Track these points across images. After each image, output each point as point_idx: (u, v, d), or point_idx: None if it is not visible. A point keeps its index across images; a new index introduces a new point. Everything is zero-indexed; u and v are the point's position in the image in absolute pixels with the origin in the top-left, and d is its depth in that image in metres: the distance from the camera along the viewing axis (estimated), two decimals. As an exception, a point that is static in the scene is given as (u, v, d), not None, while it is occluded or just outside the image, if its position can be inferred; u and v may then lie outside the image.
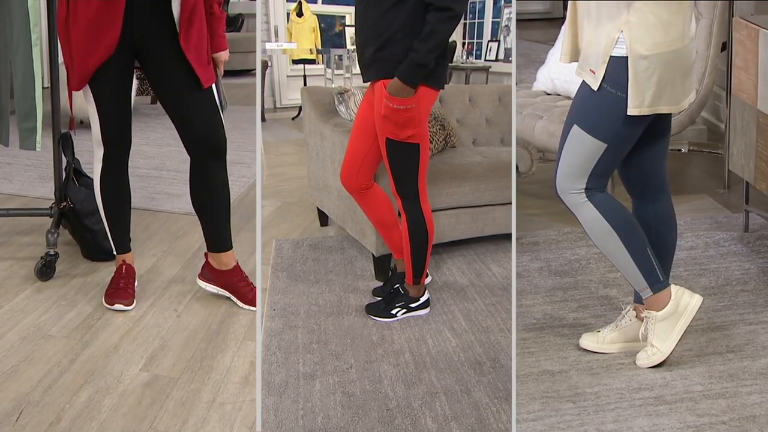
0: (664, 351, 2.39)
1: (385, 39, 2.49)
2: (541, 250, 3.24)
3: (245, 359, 2.49)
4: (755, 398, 2.25)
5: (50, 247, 3.06)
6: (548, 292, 2.90)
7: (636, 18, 2.14)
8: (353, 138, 2.79)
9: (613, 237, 2.33)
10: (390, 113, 2.53)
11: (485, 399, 2.32)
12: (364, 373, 2.46)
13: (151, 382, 2.35)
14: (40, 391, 2.29)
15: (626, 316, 2.50)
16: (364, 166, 2.78)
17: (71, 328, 2.66)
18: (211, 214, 2.78)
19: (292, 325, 2.79)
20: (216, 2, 2.70)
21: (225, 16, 2.76)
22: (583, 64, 2.27)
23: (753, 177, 3.06)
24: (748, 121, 3.04)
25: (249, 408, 2.23)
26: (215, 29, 2.71)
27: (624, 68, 2.17)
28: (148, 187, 4.28)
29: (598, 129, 2.25)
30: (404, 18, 2.46)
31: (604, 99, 2.22)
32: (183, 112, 2.65)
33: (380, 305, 2.85)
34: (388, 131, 2.58)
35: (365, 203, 2.87)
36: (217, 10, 2.71)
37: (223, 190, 2.77)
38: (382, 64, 2.51)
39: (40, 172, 4.43)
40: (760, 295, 2.82)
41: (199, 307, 2.84)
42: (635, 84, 2.18)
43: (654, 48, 2.15)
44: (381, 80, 2.53)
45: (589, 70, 2.24)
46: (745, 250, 3.18)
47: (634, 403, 2.25)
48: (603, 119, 2.24)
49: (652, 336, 2.40)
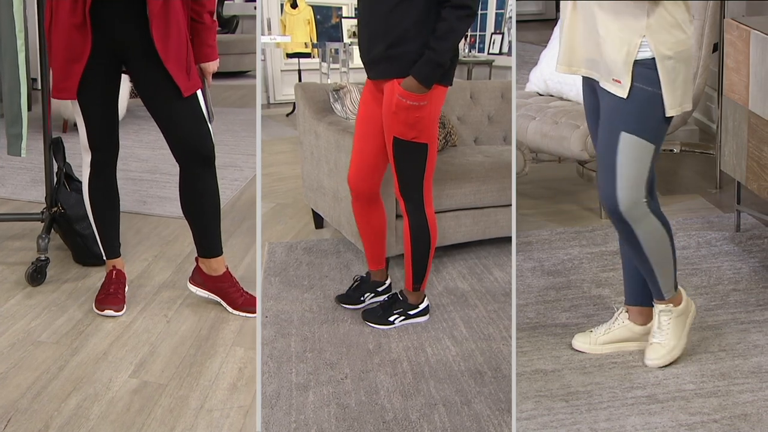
0: (680, 347, 2.43)
1: (396, 36, 2.44)
2: (534, 249, 3.25)
3: (233, 365, 2.48)
4: (747, 397, 2.26)
5: (41, 253, 3.04)
6: (541, 292, 2.91)
7: (656, 20, 2.15)
8: (359, 140, 2.71)
9: (666, 243, 2.34)
10: (402, 111, 2.47)
11: (486, 411, 2.25)
12: (360, 384, 2.40)
13: (140, 388, 2.35)
14: (28, 399, 2.28)
15: (618, 318, 2.52)
16: (376, 170, 2.72)
17: (61, 334, 2.65)
18: (200, 220, 2.77)
19: (284, 332, 2.73)
20: (207, 12, 2.67)
21: (216, 26, 2.74)
22: (606, 75, 2.24)
23: (744, 177, 3.08)
24: (740, 122, 3.06)
25: (236, 415, 2.22)
26: (204, 39, 2.68)
27: (653, 68, 2.19)
28: (140, 191, 4.25)
29: (647, 130, 2.23)
30: (415, 14, 2.42)
31: (642, 100, 2.21)
32: (167, 120, 2.64)
33: (377, 311, 2.78)
34: (397, 130, 2.52)
35: (369, 210, 2.80)
36: (208, 19, 2.68)
37: (212, 197, 2.75)
38: (395, 62, 2.47)
39: (33, 176, 4.40)
40: (751, 294, 2.84)
41: (190, 313, 2.83)
42: (668, 85, 2.19)
43: (675, 47, 2.18)
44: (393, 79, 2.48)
45: (612, 80, 2.22)
46: (736, 249, 3.19)
47: (626, 401, 2.25)
48: (648, 119, 2.23)
49: (668, 331, 2.42)
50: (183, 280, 3.03)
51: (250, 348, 2.58)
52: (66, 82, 2.57)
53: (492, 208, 3.34)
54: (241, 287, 2.85)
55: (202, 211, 2.76)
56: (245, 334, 2.67)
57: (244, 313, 2.79)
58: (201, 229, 2.79)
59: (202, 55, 2.69)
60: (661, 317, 2.44)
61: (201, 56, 2.69)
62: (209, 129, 2.68)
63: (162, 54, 2.51)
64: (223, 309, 2.83)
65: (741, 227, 3.36)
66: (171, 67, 2.53)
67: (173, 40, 2.53)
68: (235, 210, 4.02)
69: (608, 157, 2.26)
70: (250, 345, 2.60)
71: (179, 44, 2.55)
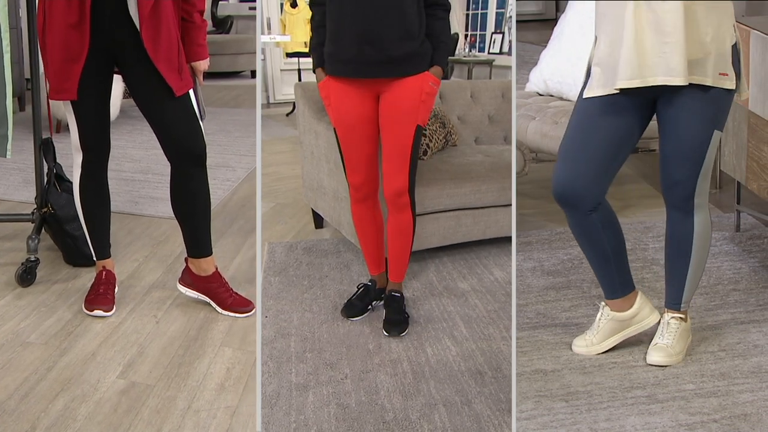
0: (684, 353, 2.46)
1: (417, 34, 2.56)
2: (534, 249, 3.26)
3: (221, 366, 2.49)
4: (747, 397, 2.27)
5: (31, 253, 3.04)
6: (541, 292, 2.91)
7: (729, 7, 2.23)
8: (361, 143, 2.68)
9: (708, 241, 2.45)
10: (431, 98, 2.61)
11: (487, 411, 2.25)
12: (360, 384, 2.40)
13: (128, 389, 2.35)
14: (16, 400, 2.28)
15: (603, 314, 2.52)
16: (378, 169, 2.74)
17: (50, 335, 2.65)
18: (190, 219, 2.78)
19: (284, 332, 2.73)
20: (197, 11, 2.68)
21: (206, 25, 2.75)
22: (713, 72, 2.24)
23: (744, 177, 3.09)
24: (740, 122, 3.07)
25: (223, 415, 2.23)
26: (194, 38, 2.70)
27: (736, 55, 2.25)
28: (132, 191, 4.26)
29: (724, 122, 2.32)
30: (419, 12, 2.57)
31: (723, 92, 2.27)
32: (159, 120, 2.64)
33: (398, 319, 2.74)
34: (422, 118, 2.62)
35: (374, 212, 2.81)
36: (198, 19, 2.69)
37: (202, 196, 2.76)
38: (422, 58, 2.59)
39: (25, 176, 4.38)
40: (751, 294, 2.84)
41: (179, 313, 2.83)
42: (744, 69, 2.28)
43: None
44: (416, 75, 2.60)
45: (719, 74, 2.23)
46: (736, 249, 3.20)
47: (626, 401, 2.26)
48: (726, 110, 2.31)
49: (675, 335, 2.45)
50: (173, 280, 3.02)
51: (238, 348, 2.59)
52: (65, 83, 2.56)
53: (492, 207, 3.34)
54: (230, 288, 2.86)
55: (193, 211, 2.76)
56: (234, 335, 2.68)
57: (233, 313, 2.79)
58: (191, 229, 2.80)
59: (192, 54, 2.71)
60: (670, 321, 2.46)
61: (192, 55, 2.71)
62: (201, 128, 2.69)
63: (152, 55, 2.52)
64: (212, 309, 2.83)
65: (741, 227, 3.37)
66: (162, 67, 2.54)
67: (163, 41, 2.54)
68: (226, 210, 4.03)
69: (698, 153, 2.31)
70: (239, 345, 2.61)
71: (170, 45, 2.56)
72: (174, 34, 2.59)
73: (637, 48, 2.19)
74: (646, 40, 2.18)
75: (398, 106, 2.60)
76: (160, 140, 2.68)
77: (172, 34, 2.58)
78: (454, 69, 6.64)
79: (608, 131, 2.32)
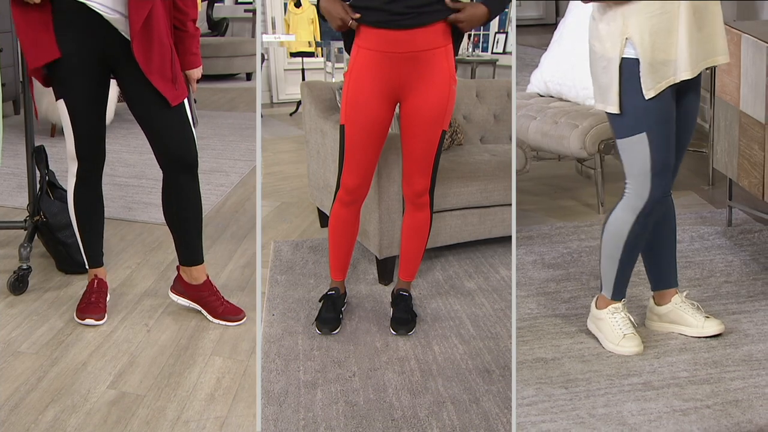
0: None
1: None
2: (535, 243, 3.29)
3: (212, 375, 2.45)
4: (738, 383, 2.32)
5: (23, 261, 2.98)
6: (542, 284, 2.96)
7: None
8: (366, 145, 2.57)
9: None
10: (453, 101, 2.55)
11: (495, 409, 2.24)
12: (368, 382, 2.38)
13: (118, 399, 2.30)
14: (6, 411, 2.23)
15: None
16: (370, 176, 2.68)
17: (41, 345, 2.60)
18: (182, 228, 2.74)
19: (291, 331, 2.70)
20: (190, 20, 2.65)
21: (199, 33, 2.71)
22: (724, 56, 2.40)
23: (736, 174, 3.14)
24: (731, 121, 3.11)
25: (212, 426, 2.19)
26: (188, 47, 2.67)
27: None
28: (126, 197, 4.16)
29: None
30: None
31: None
32: (152, 128, 2.62)
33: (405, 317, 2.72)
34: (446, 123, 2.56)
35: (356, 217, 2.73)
36: (191, 27, 2.66)
37: (194, 205, 2.72)
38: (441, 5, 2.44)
39: (19, 182, 4.25)
40: (742, 286, 2.90)
41: (170, 321, 2.78)
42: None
43: None
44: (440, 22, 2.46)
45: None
46: (728, 243, 3.25)
47: (623, 388, 2.31)
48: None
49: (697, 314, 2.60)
50: (165, 288, 2.97)
51: (228, 357, 2.55)
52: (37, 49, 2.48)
53: (498, 206, 3.29)
54: (221, 296, 2.82)
55: (184, 219, 2.73)
56: (224, 344, 2.64)
57: (224, 321, 2.76)
58: (182, 238, 2.76)
59: (186, 62, 2.68)
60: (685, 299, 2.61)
61: (185, 64, 2.68)
62: (194, 135, 2.66)
63: (145, 69, 2.49)
64: (204, 317, 2.79)
65: (732, 222, 3.41)
66: (155, 80, 2.51)
67: (156, 55, 2.51)
68: (219, 216, 3.94)
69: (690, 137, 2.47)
70: (229, 354, 2.57)
71: (162, 57, 2.53)
72: (167, 46, 2.55)
73: (690, 38, 2.27)
74: (693, 31, 2.28)
75: (424, 114, 2.52)
76: (154, 148, 2.65)
77: (165, 45, 2.54)
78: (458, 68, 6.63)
79: (673, 122, 2.41)
